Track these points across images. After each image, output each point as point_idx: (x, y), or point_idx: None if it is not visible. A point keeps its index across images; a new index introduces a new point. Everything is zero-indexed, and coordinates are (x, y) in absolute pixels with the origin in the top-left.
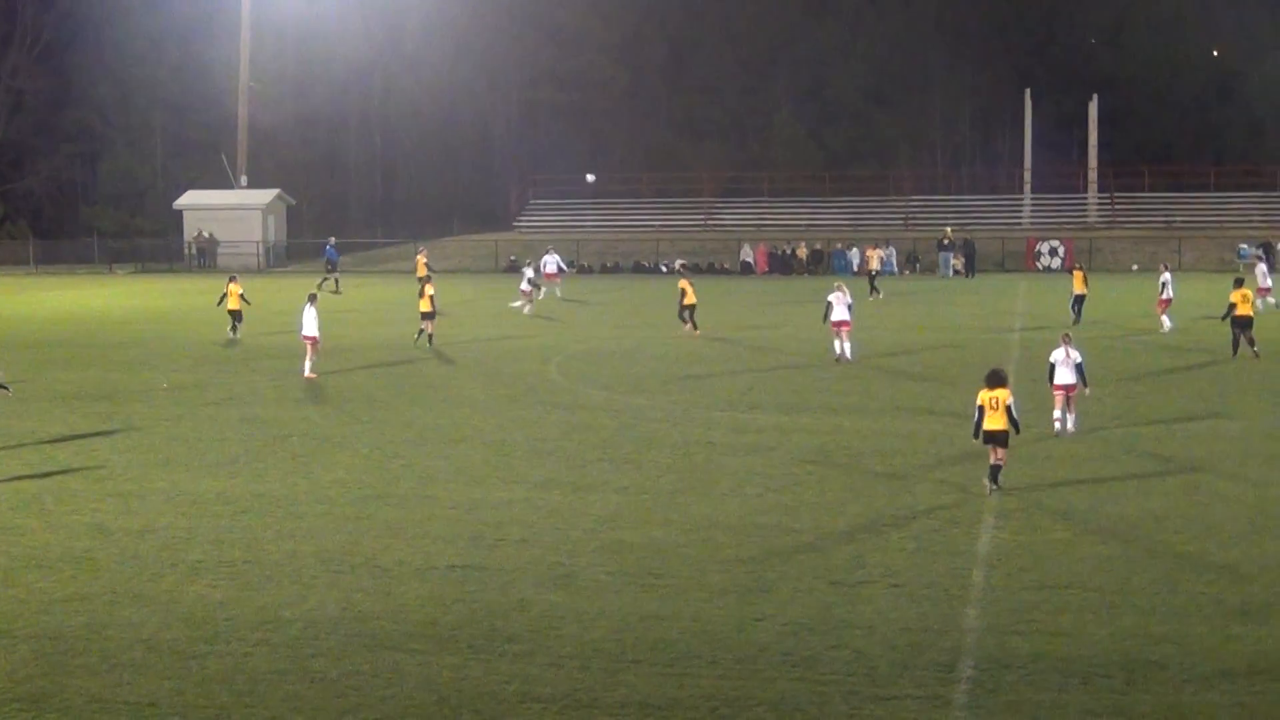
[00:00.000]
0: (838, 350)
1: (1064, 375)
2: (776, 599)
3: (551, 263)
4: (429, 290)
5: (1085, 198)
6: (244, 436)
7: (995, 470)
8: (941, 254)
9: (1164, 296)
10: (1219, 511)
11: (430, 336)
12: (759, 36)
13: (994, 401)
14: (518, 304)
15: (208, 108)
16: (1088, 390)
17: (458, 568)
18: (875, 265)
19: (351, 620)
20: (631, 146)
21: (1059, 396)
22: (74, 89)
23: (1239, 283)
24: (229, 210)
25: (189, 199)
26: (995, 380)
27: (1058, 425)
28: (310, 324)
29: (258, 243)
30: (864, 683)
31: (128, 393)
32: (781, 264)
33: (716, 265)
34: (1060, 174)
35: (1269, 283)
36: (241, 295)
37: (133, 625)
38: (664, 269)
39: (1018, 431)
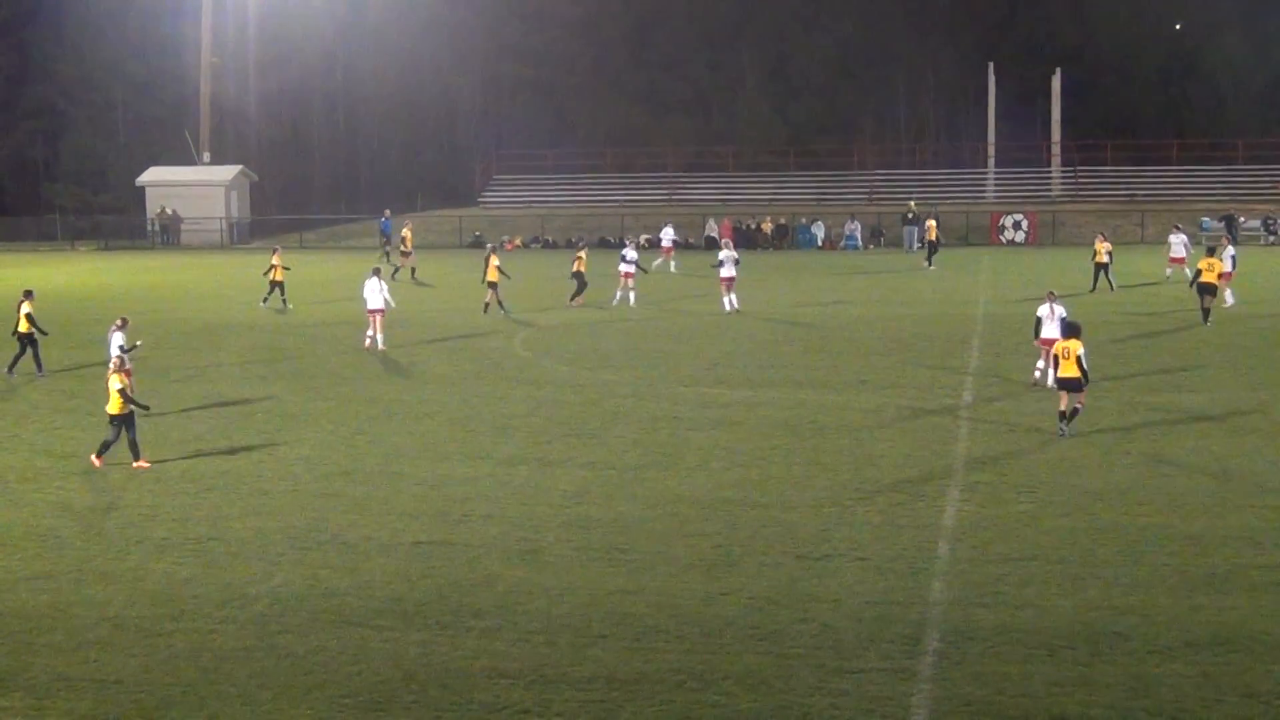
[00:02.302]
0: (726, 306)
1: (1050, 330)
2: (742, 573)
3: (668, 236)
4: (494, 261)
5: (1049, 172)
6: (209, 413)
7: (1063, 415)
8: (906, 228)
9: (1226, 270)
10: (1182, 483)
11: (501, 303)
12: (723, 11)
13: (1066, 351)
14: (619, 297)
15: (170, 84)
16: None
17: (424, 544)
18: (933, 236)
19: (318, 597)
20: (596, 121)
21: (1045, 350)
22: (34, 65)
23: (1210, 251)
24: (192, 187)
25: (151, 175)
26: (1069, 331)
27: (1037, 374)
28: (374, 297)
29: (221, 219)
30: (830, 656)
31: (90, 371)
32: (746, 238)
33: (681, 240)
34: (1024, 148)
35: (1184, 254)
36: (279, 266)
37: (98, 603)
38: (625, 243)
39: (1087, 380)
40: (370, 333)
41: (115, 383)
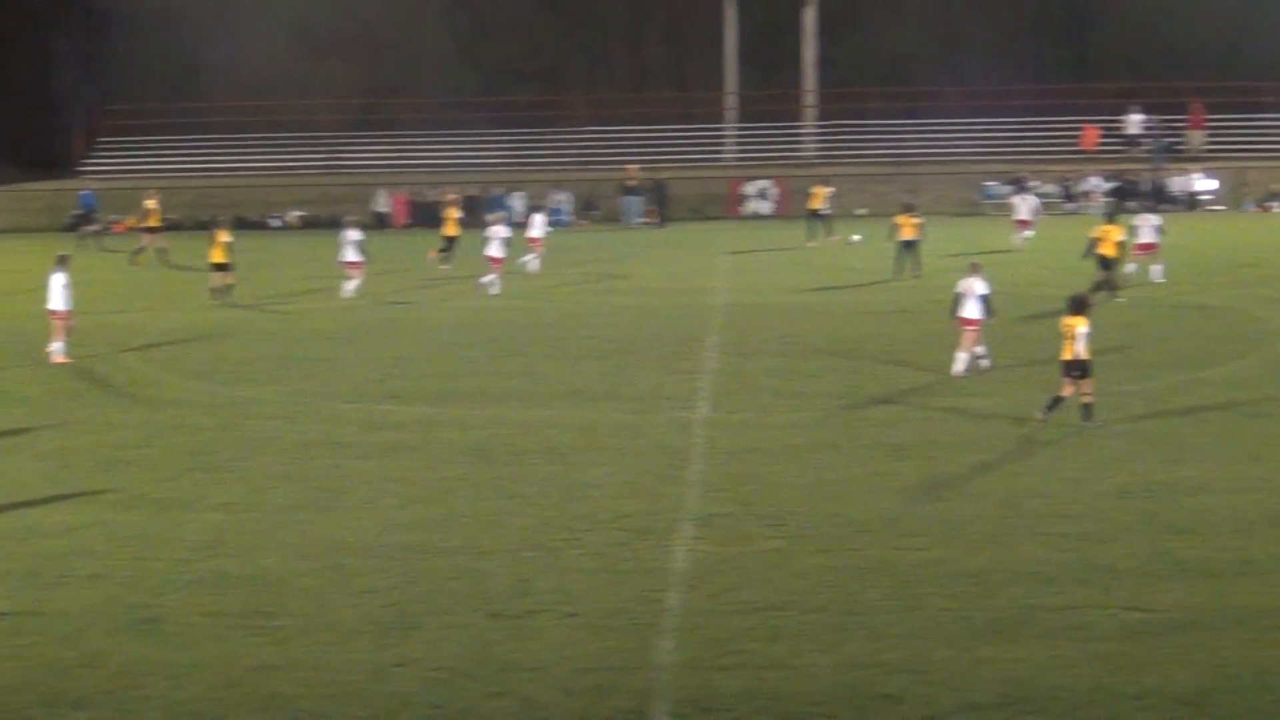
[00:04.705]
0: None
1: (970, 309)
2: (423, 638)
3: (539, 224)
4: (455, 214)
5: (800, 127)
6: None
7: (1055, 401)
8: (625, 199)
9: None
10: (962, 509)
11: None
12: None
13: (1069, 330)
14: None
15: None
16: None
17: (6, 615)
18: (819, 204)
19: None
20: (230, 67)
21: (968, 333)
22: None
23: (1109, 218)
24: None
25: None
26: (1073, 306)
27: (958, 364)
28: (59, 294)
29: None
30: None
31: None
32: (426, 214)
33: (342, 218)
34: (771, 99)
35: (1030, 217)
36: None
37: None
38: (272, 224)
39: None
40: (58, 343)
41: None
